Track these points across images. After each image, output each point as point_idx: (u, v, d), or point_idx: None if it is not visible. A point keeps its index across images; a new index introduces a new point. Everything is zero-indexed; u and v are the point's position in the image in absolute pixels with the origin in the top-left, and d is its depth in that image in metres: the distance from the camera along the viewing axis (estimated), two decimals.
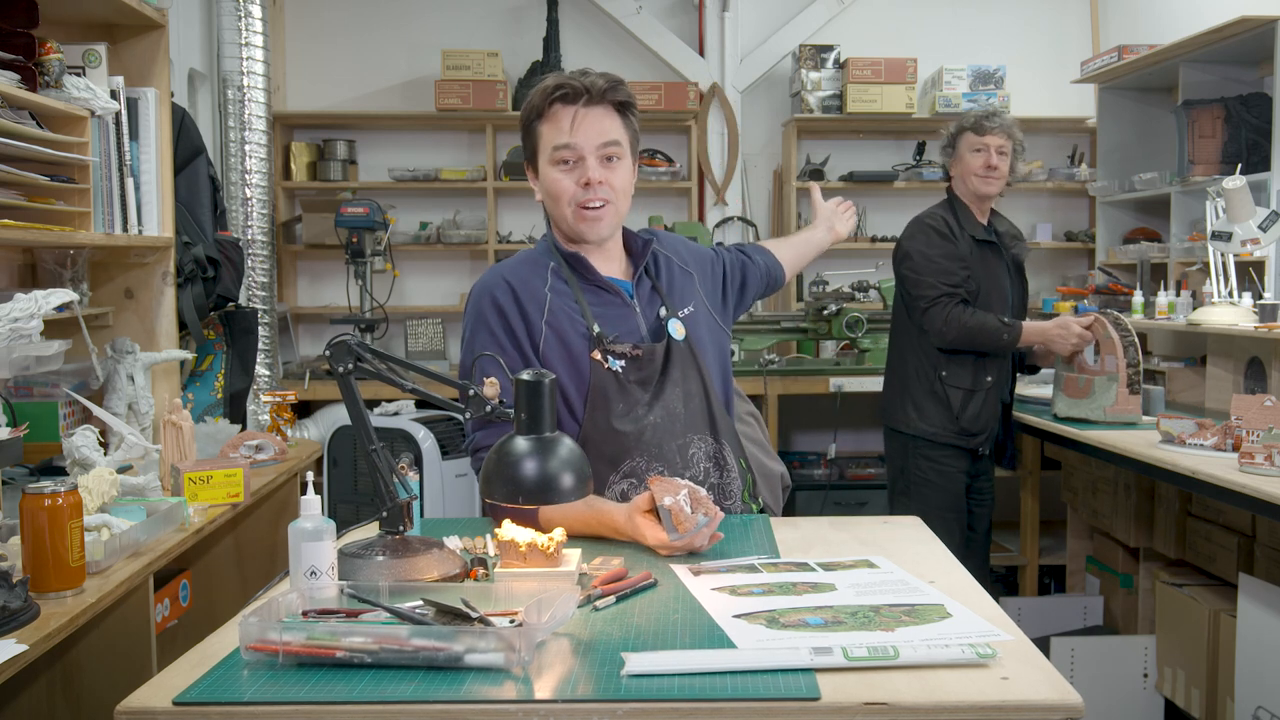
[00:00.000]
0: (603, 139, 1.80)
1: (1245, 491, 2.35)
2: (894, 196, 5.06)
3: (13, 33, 2.05)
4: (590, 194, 1.81)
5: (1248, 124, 3.61)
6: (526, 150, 1.88)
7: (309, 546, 1.37)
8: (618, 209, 1.85)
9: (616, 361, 1.84)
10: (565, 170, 1.81)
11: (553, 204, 1.85)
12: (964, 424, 3.19)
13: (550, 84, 1.81)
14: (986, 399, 3.21)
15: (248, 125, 3.90)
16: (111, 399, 2.46)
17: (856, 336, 4.28)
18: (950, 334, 3.12)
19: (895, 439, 3.32)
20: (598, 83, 1.79)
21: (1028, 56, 5.04)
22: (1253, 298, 3.23)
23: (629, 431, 1.84)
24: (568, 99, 1.79)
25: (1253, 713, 2.70)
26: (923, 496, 3.19)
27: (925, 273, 3.17)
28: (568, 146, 1.79)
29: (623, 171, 1.85)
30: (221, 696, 1.12)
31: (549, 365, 1.83)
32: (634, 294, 1.91)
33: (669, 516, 1.60)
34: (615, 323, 1.87)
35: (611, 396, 1.84)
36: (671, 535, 1.60)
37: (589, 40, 5.02)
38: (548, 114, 1.81)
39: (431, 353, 4.93)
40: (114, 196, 2.38)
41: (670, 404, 1.87)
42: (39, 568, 1.56)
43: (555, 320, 1.85)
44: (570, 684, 1.15)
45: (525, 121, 1.85)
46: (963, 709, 1.09)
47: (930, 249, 3.18)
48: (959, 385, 3.19)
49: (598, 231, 1.85)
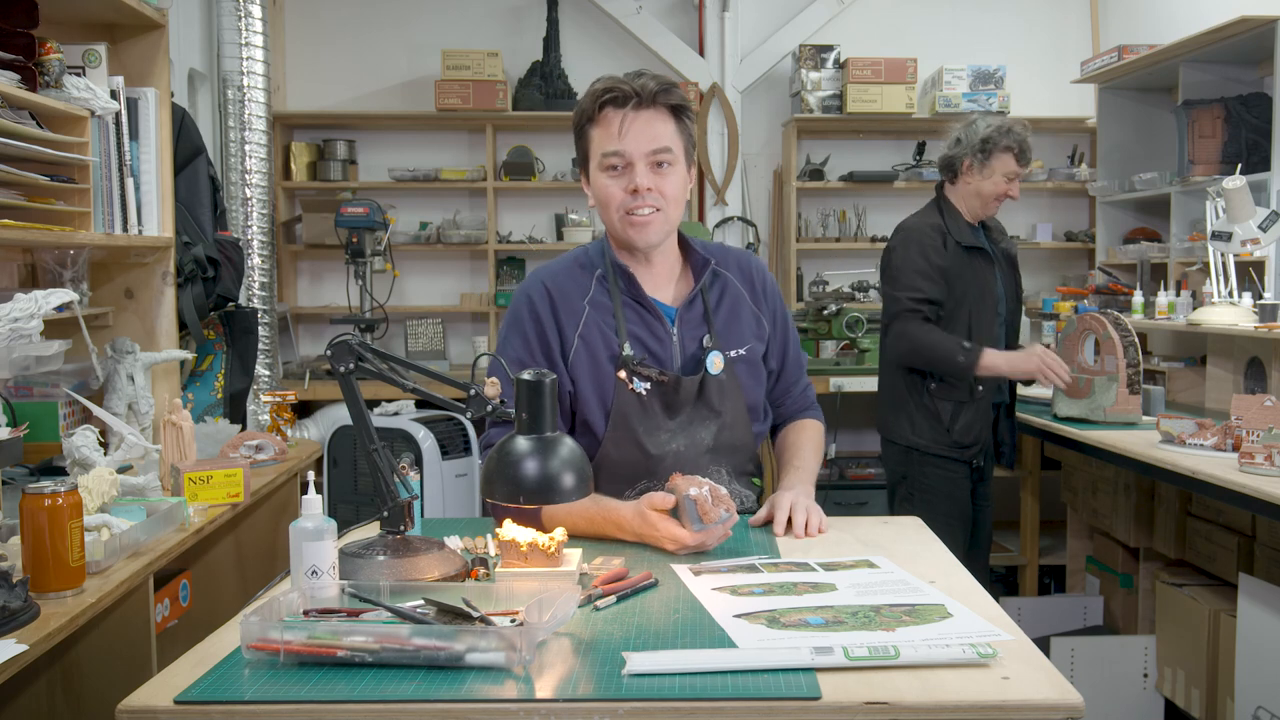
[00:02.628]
0: (653, 145, 1.75)
1: (1245, 491, 2.35)
2: (894, 196, 5.06)
3: (13, 33, 2.04)
4: (638, 201, 1.76)
5: (1248, 124, 3.61)
6: (579, 155, 1.84)
7: (310, 546, 1.37)
8: (667, 216, 1.80)
9: (642, 384, 1.82)
10: (614, 176, 1.77)
11: (602, 210, 1.82)
12: (955, 436, 3.10)
13: (600, 87, 1.77)
14: (978, 410, 3.11)
15: (248, 125, 3.90)
16: (111, 399, 2.46)
17: (856, 336, 4.28)
18: (900, 348, 3.03)
19: (892, 449, 3.23)
20: (649, 85, 1.75)
21: (1028, 56, 5.04)
22: (1253, 298, 3.23)
23: (649, 455, 1.82)
24: (617, 102, 1.75)
25: (1253, 713, 2.70)
26: (928, 504, 3.10)
27: (896, 286, 3.06)
28: (616, 153, 1.75)
29: (674, 178, 1.79)
30: (223, 695, 1.12)
31: (576, 377, 1.82)
32: (676, 319, 1.87)
33: (693, 507, 1.59)
34: (648, 345, 1.84)
35: (633, 418, 1.82)
36: (695, 526, 1.59)
37: (589, 40, 5.02)
38: (598, 118, 1.77)
39: (431, 353, 4.93)
40: (114, 196, 2.38)
41: (697, 435, 1.85)
42: (39, 568, 1.56)
43: (588, 334, 1.82)
44: (571, 683, 1.15)
45: (577, 125, 1.82)
46: (963, 709, 1.09)
47: (907, 262, 3.05)
48: (948, 398, 3.09)
49: (645, 238, 1.81)
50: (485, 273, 5.00)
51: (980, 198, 3.12)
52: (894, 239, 3.16)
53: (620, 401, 1.82)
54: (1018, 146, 3.08)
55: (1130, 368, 3.21)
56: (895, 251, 3.12)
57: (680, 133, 1.79)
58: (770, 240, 5.11)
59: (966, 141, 3.11)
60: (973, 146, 3.10)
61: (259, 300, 3.91)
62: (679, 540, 1.62)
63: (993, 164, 3.08)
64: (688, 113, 1.81)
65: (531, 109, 4.79)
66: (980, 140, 3.08)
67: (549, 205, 5.08)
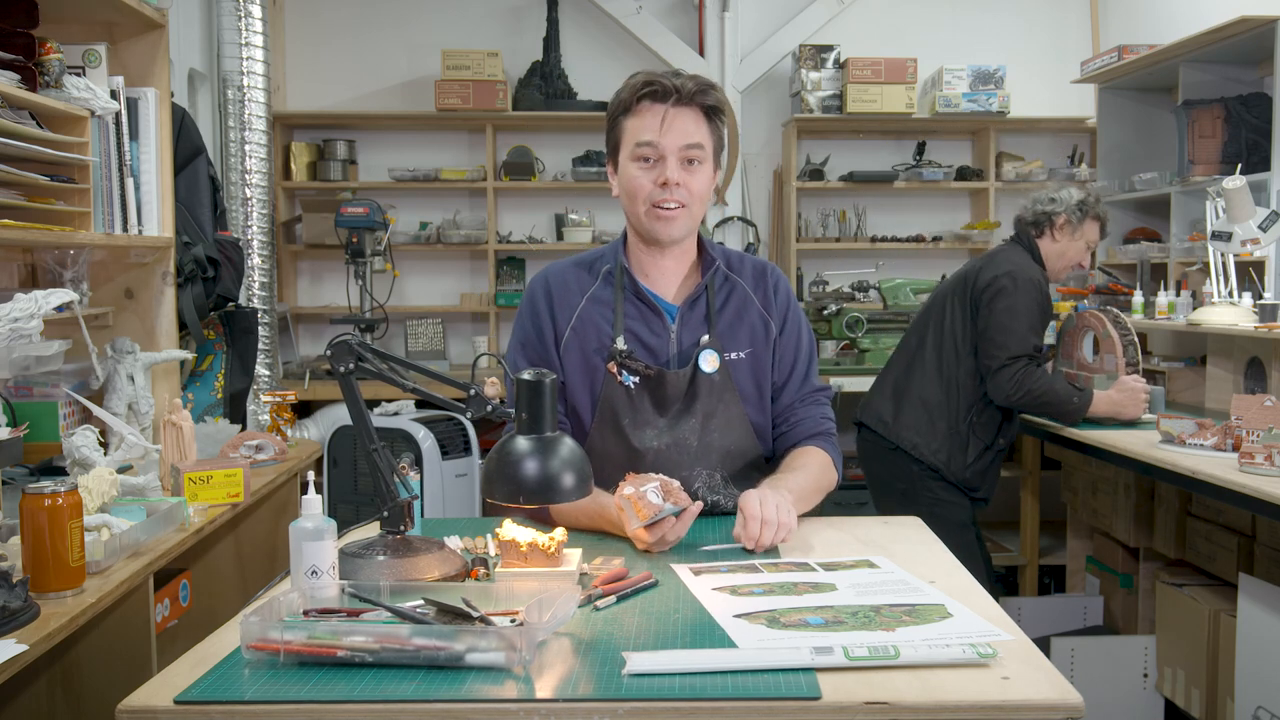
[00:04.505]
0: (686, 140, 1.78)
1: (1245, 491, 2.35)
2: (894, 196, 5.06)
3: (13, 33, 2.04)
4: (666, 194, 1.78)
5: (1248, 124, 3.61)
6: (609, 144, 1.86)
7: (310, 546, 1.37)
8: (692, 213, 1.82)
9: (630, 377, 1.83)
10: (645, 168, 1.79)
11: (628, 201, 1.84)
12: (968, 474, 3.08)
13: (640, 80, 1.79)
14: (994, 461, 3.13)
15: (248, 125, 3.90)
16: (111, 399, 2.46)
17: (856, 336, 4.28)
18: (1015, 397, 2.98)
19: (897, 458, 3.14)
20: (688, 85, 1.77)
21: (1028, 56, 5.04)
22: (1253, 298, 3.23)
23: (634, 450, 1.83)
24: (657, 96, 1.77)
25: (1253, 713, 2.70)
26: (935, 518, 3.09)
27: (1012, 330, 2.99)
28: (650, 144, 1.77)
29: (702, 176, 1.82)
30: (223, 695, 1.12)
31: (566, 366, 1.86)
32: (676, 317, 1.88)
33: (629, 506, 1.62)
34: (645, 340, 1.86)
35: (620, 410, 1.84)
36: (632, 524, 1.62)
37: (589, 40, 5.02)
38: (635, 109, 1.79)
39: (431, 353, 4.94)
40: (114, 196, 2.38)
41: (682, 435, 1.85)
42: (39, 568, 1.56)
43: (581, 327, 1.86)
44: (571, 683, 1.15)
45: (612, 115, 1.83)
46: (963, 709, 1.09)
47: (1028, 310, 3.00)
48: (981, 436, 3.08)
49: (670, 232, 1.82)
50: (485, 273, 5.00)
51: (1063, 259, 3.16)
52: (1004, 280, 3.05)
53: (608, 394, 1.84)
54: (1104, 217, 3.15)
55: (1129, 366, 3.21)
56: (1011, 295, 3.02)
57: (712, 132, 1.82)
58: (770, 240, 5.11)
59: (1063, 201, 3.14)
60: (1070, 207, 3.13)
61: (259, 300, 3.91)
62: (638, 539, 1.64)
63: (1083, 228, 3.14)
64: (721, 114, 1.83)
65: (531, 109, 4.79)
66: (1077, 203, 3.12)
67: (549, 205, 5.08)
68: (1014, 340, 3.00)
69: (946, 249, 5.05)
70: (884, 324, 4.40)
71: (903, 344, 3.30)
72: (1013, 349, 2.99)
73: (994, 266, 3.11)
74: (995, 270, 3.08)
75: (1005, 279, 3.05)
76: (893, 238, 5.01)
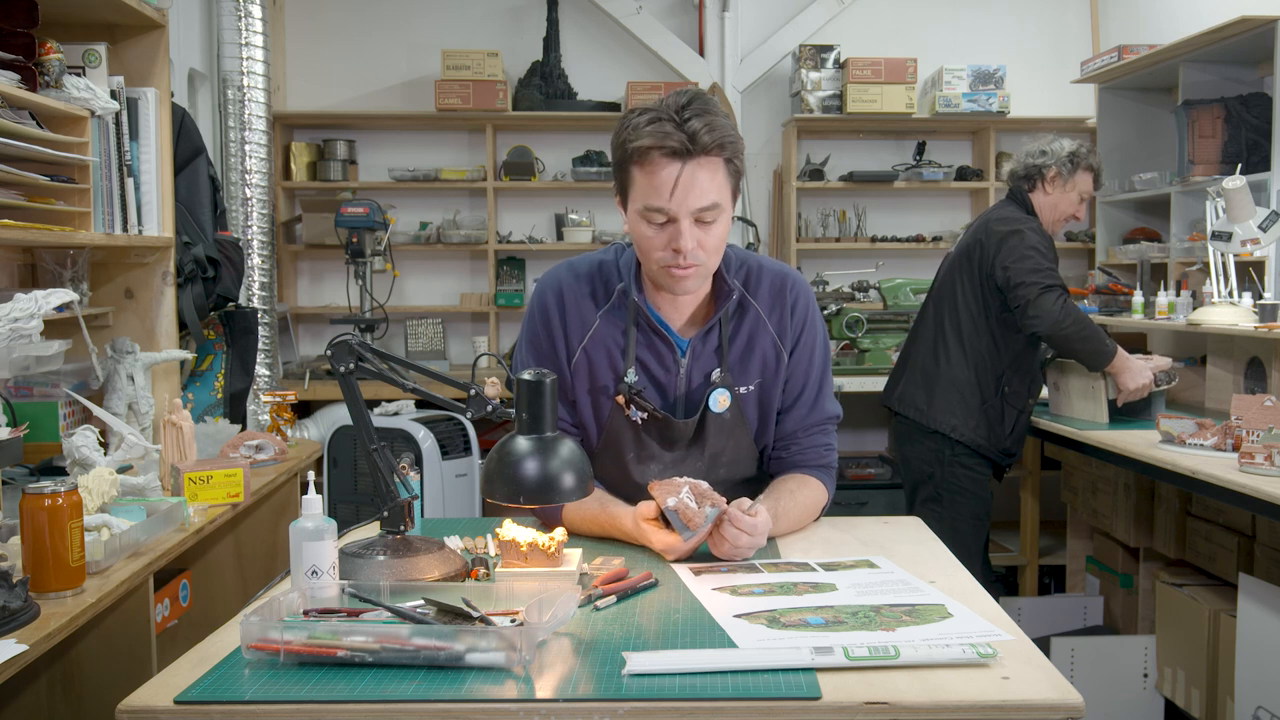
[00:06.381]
0: (701, 203, 1.62)
1: (1245, 491, 2.35)
2: (894, 196, 5.06)
3: (13, 33, 2.04)
4: (679, 259, 1.66)
5: (1248, 124, 3.61)
6: (616, 182, 1.71)
7: (310, 546, 1.37)
8: (707, 269, 1.70)
9: (639, 414, 1.79)
10: (656, 229, 1.66)
11: (639, 253, 1.73)
12: (1008, 443, 3.13)
13: (650, 129, 1.61)
14: (1025, 420, 3.17)
15: (248, 125, 3.89)
16: (111, 399, 2.46)
17: (856, 336, 4.28)
18: (1066, 323, 2.94)
19: (928, 441, 3.14)
20: (703, 137, 1.59)
21: (1028, 56, 5.04)
22: (1253, 298, 3.23)
23: (635, 484, 1.80)
24: (667, 152, 1.60)
25: (1253, 713, 2.70)
26: (956, 504, 3.10)
27: (1039, 265, 2.97)
28: (660, 210, 1.63)
29: (718, 229, 1.67)
30: (223, 695, 1.12)
31: (577, 389, 1.80)
32: (687, 350, 1.79)
33: (677, 517, 1.57)
34: (654, 374, 1.79)
35: (625, 444, 1.81)
36: (684, 534, 1.57)
37: (589, 40, 5.02)
38: (645, 163, 1.62)
39: (431, 353, 4.94)
40: (114, 196, 2.38)
41: (687, 471, 1.79)
42: (39, 568, 1.56)
43: (593, 348, 1.78)
44: (571, 683, 1.15)
45: (617, 158, 1.68)
46: (963, 708, 1.09)
47: (1034, 246, 3.00)
48: (1015, 404, 3.10)
49: (683, 288, 1.71)
50: (485, 273, 5.00)
51: (1055, 210, 3.15)
52: (1002, 226, 3.07)
53: (614, 425, 1.80)
54: (1098, 168, 3.12)
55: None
56: (1022, 235, 3.02)
57: (729, 177, 1.66)
58: (770, 240, 5.11)
59: (1053, 154, 3.12)
60: (1059, 159, 3.11)
61: (259, 300, 3.91)
62: (672, 549, 1.60)
63: (1075, 180, 3.11)
64: (739, 155, 1.67)
65: (531, 109, 4.79)
66: (1068, 154, 3.10)
67: (549, 205, 5.08)
68: (1043, 274, 2.98)
69: (946, 249, 5.03)
70: (884, 324, 4.40)
71: (919, 330, 3.28)
72: (1045, 280, 2.97)
73: (991, 230, 3.10)
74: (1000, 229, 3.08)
75: (1007, 231, 3.06)
76: (893, 238, 5.01)
